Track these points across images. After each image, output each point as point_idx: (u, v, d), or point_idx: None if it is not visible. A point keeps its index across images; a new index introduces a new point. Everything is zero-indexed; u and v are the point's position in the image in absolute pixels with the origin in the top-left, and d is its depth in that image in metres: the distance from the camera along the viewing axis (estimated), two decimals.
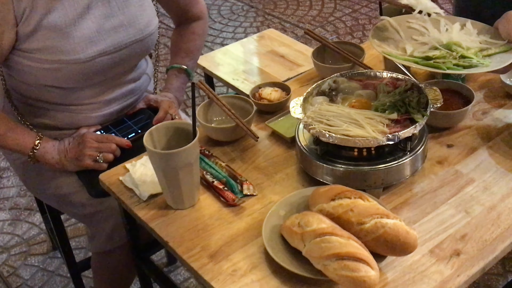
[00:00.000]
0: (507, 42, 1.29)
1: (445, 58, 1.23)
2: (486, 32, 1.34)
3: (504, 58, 1.25)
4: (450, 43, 1.27)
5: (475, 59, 1.23)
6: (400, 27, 1.37)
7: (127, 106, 1.57)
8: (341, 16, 3.86)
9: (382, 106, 1.22)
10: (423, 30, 1.35)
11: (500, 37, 1.31)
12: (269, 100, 1.49)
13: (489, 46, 1.29)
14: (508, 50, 1.27)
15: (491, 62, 1.24)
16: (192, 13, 1.67)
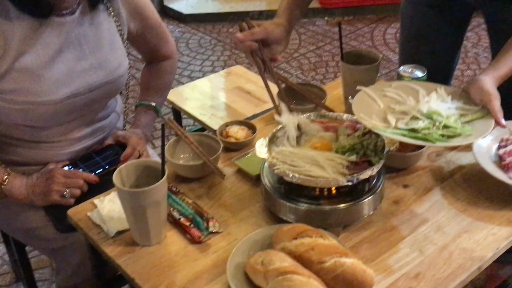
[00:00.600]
0: (481, 107, 1.36)
1: (429, 129, 1.29)
2: (458, 96, 1.40)
3: (484, 125, 1.31)
4: (430, 112, 1.33)
5: (459, 129, 1.30)
6: (376, 96, 1.42)
7: (96, 143, 1.60)
8: (305, 53, 3.97)
9: (342, 149, 1.28)
10: (398, 98, 1.41)
11: (473, 101, 1.38)
12: (235, 138, 1.55)
13: (465, 112, 1.35)
14: (485, 115, 1.34)
15: (472, 130, 1.30)
16: (162, 52, 1.72)
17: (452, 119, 1.33)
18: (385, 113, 1.37)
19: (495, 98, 1.34)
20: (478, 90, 1.36)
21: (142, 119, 1.70)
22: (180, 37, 4.20)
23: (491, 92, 1.34)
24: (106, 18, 1.49)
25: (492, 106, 1.33)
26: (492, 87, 1.35)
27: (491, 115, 1.33)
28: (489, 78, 1.37)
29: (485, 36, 3.92)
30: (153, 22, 1.65)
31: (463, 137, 1.29)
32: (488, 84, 1.36)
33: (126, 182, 1.24)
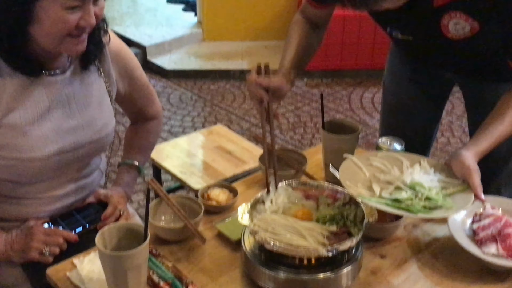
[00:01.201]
0: (462, 181, 1.42)
1: (412, 200, 1.35)
2: (440, 169, 1.47)
3: (464, 199, 1.38)
4: (414, 183, 1.39)
5: (440, 201, 1.35)
6: (362, 164, 1.49)
7: (78, 200, 1.61)
8: (284, 112, 4.05)
9: (323, 218, 1.31)
10: (383, 167, 1.47)
11: (453, 174, 1.44)
12: (217, 201, 1.57)
13: (446, 185, 1.42)
14: (465, 189, 1.40)
15: (453, 203, 1.36)
16: (148, 113, 1.76)
17: (434, 191, 1.38)
18: (370, 182, 1.43)
19: (475, 173, 1.41)
20: (459, 164, 1.42)
21: (125, 178, 1.72)
22: (162, 92, 4.25)
23: (471, 167, 1.41)
24: (97, 79, 1.52)
25: (472, 180, 1.40)
26: (472, 162, 1.42)
27: (471, 189, 1.39)
28: (470, 153, 1.44)
29: (458, 104, 4.06)
30: (141, 83, 1.69)
31: (444, 210, 1.34)
32: (469, 159, 1.42)
33: (108, 244, 1.25)
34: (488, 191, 1.74)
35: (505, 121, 1.47)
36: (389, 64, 1.97)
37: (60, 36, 1.31)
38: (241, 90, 4.35)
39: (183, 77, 4.49)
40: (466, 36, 1.48)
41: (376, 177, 1.44)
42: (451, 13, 1.45)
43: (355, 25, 4.27)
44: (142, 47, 4.64)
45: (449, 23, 1.47)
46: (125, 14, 5.31)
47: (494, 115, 1.50)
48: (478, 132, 1.49)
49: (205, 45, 4.89)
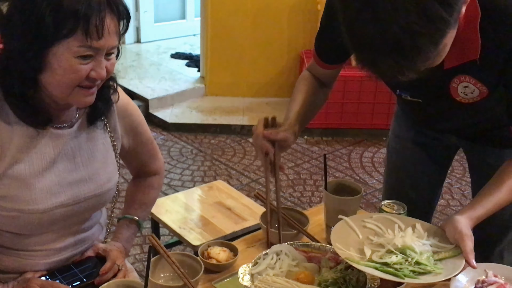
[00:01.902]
0: (455, 246, 1.42)
1: (402, 264, 1.34)
2: (434, 233, 1.47)
3: (455, 264, 1.37)
4: (405, 247, 1.39)
5: (429, 266, 1.35)
6: (356, 226, 1.49)
7: (77, 254, 1.59)
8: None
9: (325, 282, 1.30)
10: (378, 230, 1.48)
11: (447, 239, 1.44)
12: (217, 260, 1.55)
13: (439, 250, 1.42)
14: (457, 254, 1.40)
15: (443, 268, 1.36)
16: (151, 168, 1.76)
17: (424, 256, 1.38)
18: (362, 244, 1.42)
19: (468, 239, 1.40)
20: (453, 229, 1.43)
21: (124, 233, 1.70)
22: (163, 145, 4.27)
23: (464, 232, 1.41)
24: (102, 134, 1.53)
25: (464, 246, 1.39)
26: (466, 228, 1.42)
27: (462, 255, 1.39)
28: (464, 218, 1.44)
29: (458, 166, 4.08)
30: (146, 138, 1.70)
31: (433, 275, 1.34)
32: (462, 224, 1.42)
33: None
34: (491, 256, 1.74)
35: (503, 189, 1.48)
36: (393, 127, 1.99)
37: (71, 86, 1.33)
38: (241, 145, 4.38)
39: (184, 130, 4.52)
40: (474, 101, 1.50)
41: (369, 239, 1.44)
42: (460, 76, 1.47)
43: (356, 84, 4.34)
44: (145, 100, 4.69)
45: (459, 86, 1.49)
46: (129, 67, 5.40)
47: (493, 182, 1.51)
48: (475, 198, 1.50)
49: (207, 100, 4.95)
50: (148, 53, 5.82)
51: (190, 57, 5.67)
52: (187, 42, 6.16)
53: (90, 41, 1.28)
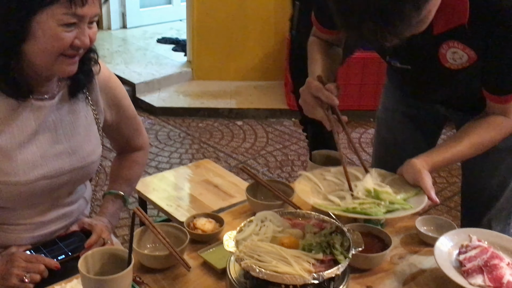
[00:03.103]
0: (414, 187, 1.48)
1: (369, 203, 1.40)
2: (392, 179, 1.53)
3: (419, 199, 1.43)
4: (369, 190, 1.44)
5: (397, 204, 1.39)
6: (317, 179, 1.54)
7: (62, 228, 1.59)
8: (272, 151, 4.06)
9: (309, 246, 1.30)
10: (337, 181, 1.53)
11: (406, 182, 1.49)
12: (203, 230, 1.56)
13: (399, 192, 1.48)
14: (418, 193, 1.45)
15: (411, 206, 1.41)
16: (135, 144, 1.75)
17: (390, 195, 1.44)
18: (325, 196, 1.48)
19: (426, 176, 1.46)
20: (410, 170, 1.48)
21: (109, 208, 1.70)
22: (150, 129, 4.26)
23: (421, 170, 1.46)
24: (84, 106, 1.53)
25: (424, 183, 1.44)
26: (423, 168, 1.47)
27: (423, 192, 1.44)
28: (419, 161, 1.50)
29: None
30: (129, 113, 1.69)
31: (402, 211, 1.39)
32: (419, 165, 1.48)
33: (92, 269, 1.23)
34: (479, 225, 1.76)
35: (463, 142, 1.52)
36: (383, 99, 2.00)
37: (54, 55, 1.32)
38: (229, 128, 4.37)
39: (171, 114, 4.51)
40: (463, 66, 1.51)
41: (331, 191, 1.50)
42: (449, 42, 1.48)
43: (344, 66, 4.34)
44: (132, 85, 4.67)
45: (447, 52, 1.50)
46: (115, 52, 5.37)
47: (456, 135, 1.55)
48: (435, 147, 1.54)
49: (194, 84, 4.93)
50: (134, 39, 5.79)
51: (177, 42, 5.64)
52: (173, 27, 6.13)
53: (75, 8, 1.28)
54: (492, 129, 1.54)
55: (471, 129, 1.55)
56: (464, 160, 1.58)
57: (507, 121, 1.53)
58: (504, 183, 1.78)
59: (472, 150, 1.54)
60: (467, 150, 1.53)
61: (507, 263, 1.37)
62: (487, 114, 1.56)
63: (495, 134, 1.54)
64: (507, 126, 1.54)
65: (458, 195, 3.42)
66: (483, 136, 1.53)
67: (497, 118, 1.54)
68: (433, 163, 1.50)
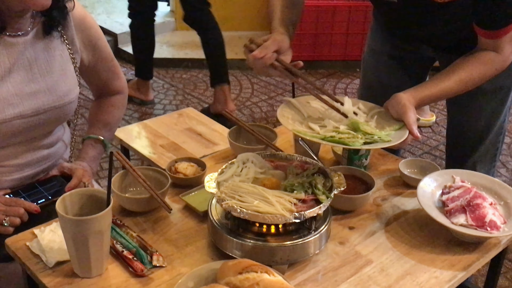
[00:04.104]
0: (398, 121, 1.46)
1: (349, 134, 1.38)
2: (377, 112, 1.52)
3: (400, 134, 1.42)
4: (351, 121, 1.43)
5: (376, 135, 1.38)
6: (302, 106, 1.52)
7: (40, 172, 1.56)
8: (257, 102, 4.02)
9: (290, 186, 1.29)
10: (321, 109, 1.52)
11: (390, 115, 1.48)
12: (184, 174, 1.54)
13: (383, 125, 1.47)
14: (401, 127, 1.44)
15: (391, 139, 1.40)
16: (113, 87, 1.72)
17: (369, 127, 1.42)
18: (307, 122, 1.46)
19: (410, 111, 1.44)
20: (395, 103, 1.46)
21: (89, 153, 1.67)
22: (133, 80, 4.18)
23: (407, 105, 1.44)
24: (60, 45, 1.49)
25: (407, 118, 1.43)
26: (407, 102, 1.45)
27: (406, 126, 1.43)
28: (406, 95, 1.48)
29: None
30: (106, 55, 1.65)
31: (380, 143, 1.38)
32: (404, 99, 1.46)
33: (70, 210, 1.21)
34: (464, 167, 1.75)
35: (452, 78, 1.49)
36: (369, 42, 1.96)
37: None
38: None
39: (155, 65, 4.39)
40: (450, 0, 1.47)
41: (314, 118, 1.48)
42: None
43: (329, 14, 4.27)
44: (114, 35, 4.57)
45: None
46: (97, 2, 5.23)
47: (444, 71, 1.53)
48: (422, 83, 1.52)
49: (177, 34, 4.84)
50: None
51: None
52: None
53: None
54: (482, 64, 1.51)
55: (461, 65, 1.52)
56: (452, 96, 1.55)
57: (498, 57, 1.51)
58: (489, 125, 1.78)
59: (461, 85, 1.52)
60: (456, 86, 1.50)
61: (490, 202, 1.37)
62: (477, 50, 1.53)
63: (485, 70, 1.52)
64: (497, 62, 1.51)
65: (443, 144, 3.42)
66: (473, 71, 1.51)
67: (488, 54, 1.51)
68: (420, 98, 1.48)
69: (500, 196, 1.43)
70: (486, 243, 1.36)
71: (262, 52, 1.44)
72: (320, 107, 1.52)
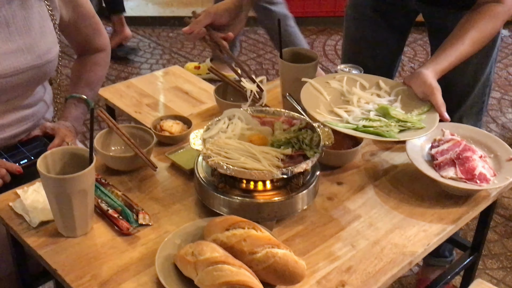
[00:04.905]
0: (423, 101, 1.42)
1: (380, 121, 1.34)
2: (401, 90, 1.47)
3: (430, 118, 1.37)
4: (381, 107, 1.39)
5: (409, 122, 1.35)
6: (322, 87, 1.47)
7: (22, 132, 1.53)
8: (246, 60, 3.97)
9: (277, 142, 1.27)
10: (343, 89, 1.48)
11: (415, 95, 1.44)
12: (170, 132, 1.51)
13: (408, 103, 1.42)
14: (429, 109, 1.40)
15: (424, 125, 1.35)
16: (95, 44, 1.67)
17: (401, 114, 1.38)
18: (331, 106, 1.42)
19: (438, 91, 1.40)
20: (421, 83, 1.41)
21: (72, 112, 1.64)
22: None
23: (433, 85, 1.39)
24: (37, 2, 1.44)
25: (436, 99, 1.39)
26: (434, 81, 1.41)
27: (434, 108, 1.38)
28: (430, 71, 1.42)
29: (421, 51, 4.05)
30: (87, 11, 1.60)
31: (413, 131, 1.34)
32: (429, 78, 1.40)
33: (52, 169, 1.18)
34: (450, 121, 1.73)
35: (465, 41, 1.44)
36: None
37: None
38: None
39: (140, 24, 4.34)
40: None
41: (337, 100, 1.43)
42: None
43: None
44: None
45: None
46: None
47: (455, 34, 1.47)
48: (438, 52, 1.46)
49: None
50: None
51: None
52: None
53: None
54: (490, 19, 1.47)
55: (470, 25, 1.47)
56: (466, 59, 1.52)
57: (502, 8, 1.47)
58: (475, 78, 1.75)
59: (476, 46, 1.47)
60: (471, 48, 1.46)
61: (479, 155, 1.36)
62: (480, 5, 1.49)
63: (494, 24, 1.48)
64: (503, 13, 1.47)
65: None
66: (483, 29, 1.46)
67: (493, 7, 1.47)
68: (442, 70, 1.43)
69: (490, 149, 1.42)
70: (475, 196, 1.35)
71: (191, 28, 1.50)
72: (340, 87, 1.48)
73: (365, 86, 1.49)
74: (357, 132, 1.32)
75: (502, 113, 3.40)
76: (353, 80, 1.49)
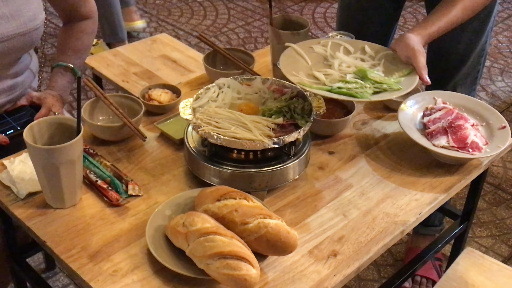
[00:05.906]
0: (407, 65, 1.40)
1: (356, 83, 1.32)
2: (384, 55, 1.45)
3: (410, 80, 1.36)
4: (360, 70, 1.37)
5: (388, 83, 1.33)
6: (304, 52, 1.45)
7: (8, 102, 1.49)
8: (234, 28, 3.91)
9: (269, 111, 1.25)
10: (326, 54, 1.45)
11: (399, 58, 1.42)
12: (159, 101, 1.48)
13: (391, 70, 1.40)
14: (410, 72, 1.38)
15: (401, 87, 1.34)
16: (81, 12, 1.62)
17: (378, 76, 1.36)
18: (311, 70, 1.39)
19: (420, 55, 1.38)
20: (404, 46, 1.40)
21: (59, 81, 1.60)
22: None
23: (416, 48, 1.38)
24: None
25: (417, 62, 1.37)
26: (417, 44, 1.39)
27: (415, 72, 1.37)
28: (415, 35, 1.40)
29: (410, 18, 4.01)
30: None
31: (389, 93, 1.32)
32: (414, 41, 1.39)
33: (39, 140, 1.16)
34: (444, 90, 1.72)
35: (456, 7, 1.43)
36: None
37: None
38: (188, 5, 4.17)
39: None
40: None
41: (319, 64, 1.41)
42: None
43: None
44: None
45: None
46: None
47: (446, 0, 1.44)
48: (427, 17, 1.45)
49: None
50: None
51: None
52: None
53: None
54: None
55: None
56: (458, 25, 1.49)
57: None
58: (470, 47, 1.73)
59: (467, 12, 1.45)
60: (461, 14, 1.44)
61: (471, 124, 1.35)
62: None
63: None
64: None
65: None
66: None
67: None
68: (428, 34, 1.41)
69: (482, 117, 1.41)
70: (467, 165, 1.35)
71: None
72: (324, 51, 1.45)
73: (350, 51, 1.46)
74: (330, 93, 1.30)
75: (492, 81, 3.39)
76: (338, 45, 1.47)
